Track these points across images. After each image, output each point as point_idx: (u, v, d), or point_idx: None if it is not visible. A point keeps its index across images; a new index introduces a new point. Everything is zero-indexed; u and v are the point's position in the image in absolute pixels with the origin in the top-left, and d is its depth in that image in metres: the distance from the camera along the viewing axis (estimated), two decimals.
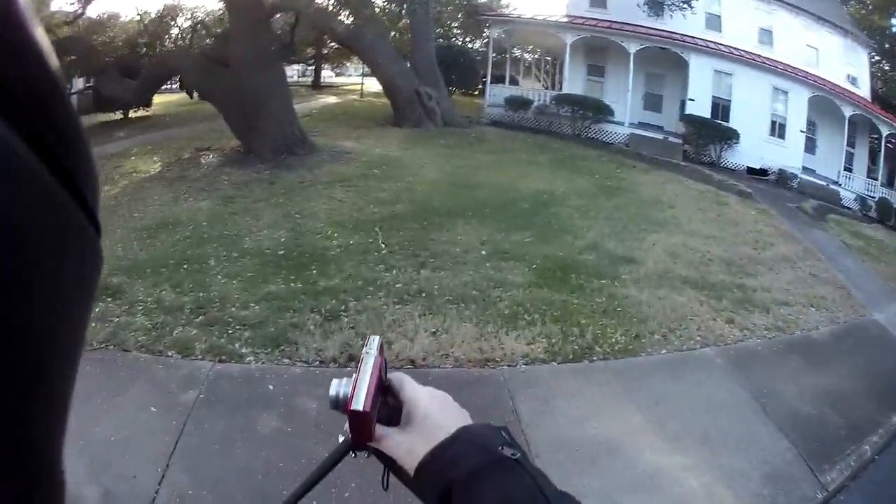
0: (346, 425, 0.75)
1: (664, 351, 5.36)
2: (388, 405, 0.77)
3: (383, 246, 7.08)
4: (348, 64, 34.18)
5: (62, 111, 0.24)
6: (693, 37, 16.99)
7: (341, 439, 0.80)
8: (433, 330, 5.27)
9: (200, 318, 5.11)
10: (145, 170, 10.13)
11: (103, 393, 3.95)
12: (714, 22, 17.41)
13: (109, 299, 5.22)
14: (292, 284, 5.91)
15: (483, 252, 7.15)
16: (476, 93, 23.02)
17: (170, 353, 4.53)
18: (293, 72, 29.30)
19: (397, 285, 6.08)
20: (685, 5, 16.33)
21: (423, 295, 5.92)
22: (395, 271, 6.40)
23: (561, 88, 18.74)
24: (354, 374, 0.71)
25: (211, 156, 11.06)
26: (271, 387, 4.27)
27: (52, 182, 0.23)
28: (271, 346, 4.74)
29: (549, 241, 7.73)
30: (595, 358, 5.10)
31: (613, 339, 5.39)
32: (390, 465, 0.81)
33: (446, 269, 6.55)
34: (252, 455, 3.63)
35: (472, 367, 4.85)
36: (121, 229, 7.11)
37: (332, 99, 21.99)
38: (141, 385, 4.14)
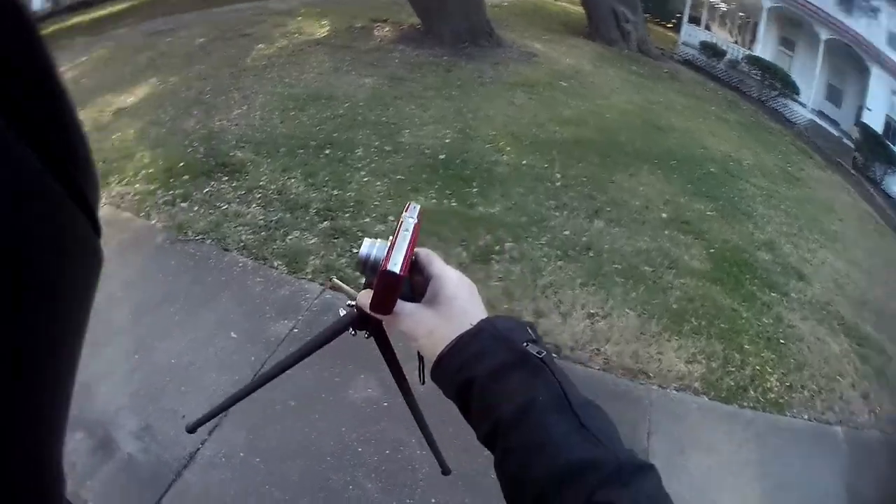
0: (352, 299, 0.82)
1: (806, 416, 4.10)
2: (411, 281, 0.69)
3: (558, 176, 5.78)
4: None
5: (65, 117, 0.24)
6: (877, 47, 14.58)
7: (342, 313, 0.94)
8: (592, 311, 4.06)
9: (325, 223, 4.16)
10: (310, 32, 9.21)
11: (182, 299, 3.19)
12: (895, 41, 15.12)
13: (225, 178, 4.40)
14: (445, 202, 4.83)
15: (664, 215, 5.68)
16: (670, 26, 20.80)
17: (276, 264, 3.64)
18: None
19: (564, 232, 4.84)
20: (871, 12, 14.45)
21: (591, 254, 4.66)
22: (565, 212, 5.12)
23: (750, 48, 16.76)
24: (391, 237, 0.65)
25: (386, 28, 9.91)
26: None
27: (54, 184, 0.23)
28: None
29: (731, 221, 6.13)
30: (746, 404, 3.92)
31: (769, 384, 4.14)
32: (387, 350, 1.00)
33: (622, 225, 5.20)
34: (327, 428, 2.77)
35: (623, 376, 3.71)
36: (264, 95, 6.27)
37: None
38: (229, 298, 3.31)
